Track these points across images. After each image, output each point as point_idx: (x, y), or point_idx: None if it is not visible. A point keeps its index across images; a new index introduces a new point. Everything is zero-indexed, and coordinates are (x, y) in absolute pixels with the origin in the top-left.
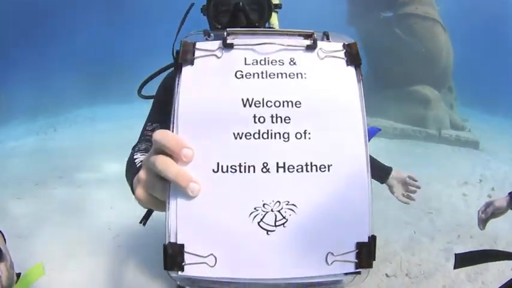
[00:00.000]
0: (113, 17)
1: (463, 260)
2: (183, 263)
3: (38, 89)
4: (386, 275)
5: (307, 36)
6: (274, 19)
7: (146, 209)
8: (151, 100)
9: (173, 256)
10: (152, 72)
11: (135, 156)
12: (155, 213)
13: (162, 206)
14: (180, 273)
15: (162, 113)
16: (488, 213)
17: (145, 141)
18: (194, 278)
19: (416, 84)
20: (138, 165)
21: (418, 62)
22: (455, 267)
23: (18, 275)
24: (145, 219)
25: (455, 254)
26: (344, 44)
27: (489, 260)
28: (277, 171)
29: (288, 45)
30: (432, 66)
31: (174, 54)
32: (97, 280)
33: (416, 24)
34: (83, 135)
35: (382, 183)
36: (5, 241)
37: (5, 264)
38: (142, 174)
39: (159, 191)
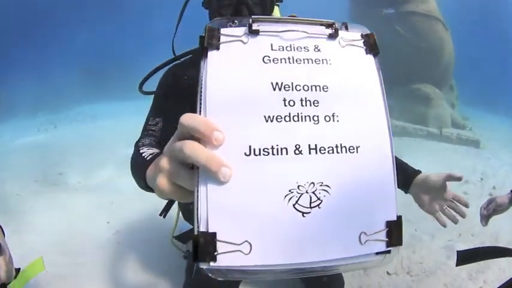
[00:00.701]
0: (112, 16)
1: (465, 257)
2: (215, 253)
3: (39, 87)
4: (388, 273)
5: (328, 25)
6: (276, 13)
7: (166, 201)
8: (152, 96)
9: (204, 246)
10: (153, 68)
11: (141, 151)
12: (155, 210)
13: (186, 195)
14: (212, 264)
15: (165, 107)
16: (490, 210)
17: (148, 137)
18: (227, 269)
19: (417, 83)
20: (148, 158)
21: (420, 60)
22: (457, 265)
23: (18, 270)
24: (165, 211)
25: (457, 251)
26: (362, 34)
27: (491, 256)
28: (310, 152)
29: (312, 33)
30: (433, 64)
31: (199, 41)
32: (97, 276)
33: (418, 23)
34: (83, 132)
35: (406, 192)
36: (4, 235)
37: (3, 258)
38: (164, 163)
39: (185, 179)
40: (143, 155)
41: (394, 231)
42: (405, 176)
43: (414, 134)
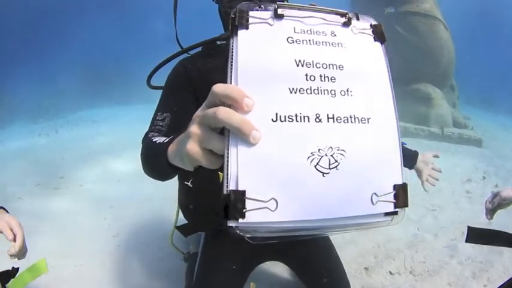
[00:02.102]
0: (114, 21)
1: (476, 234)
2: (244, 210)
3: (40, 91)
4: (390, 273)
5: (342, 15)
6: None
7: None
8: (154, 101)
9: (235, 203)
10: (161, 61)
11: (154, 139)
12: (155, 213)
13: (215, 160)
14: (240, 220)
15: (174, 101)
16: (495, 204)
17: (155, 132)
18: (254, 226)
19: (418, 83)
20: (165, 142)
21: (420, 60)
22: (467, 241)
23: (17, 270)
24: (193, 178)
25: (468, 226)
26: (371, 24)
27: (502, 243)
28: (328, 121)
29: (329, 21)
30: (434, 64)
31: (228, 21)
32: (97, 279)
33: (418, 23)
34: (84, 137)
35: (410, 169)
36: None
37: (20, 234)
38: (195, 129)
39: (216, 143)
40: (158, 141)
41: (400, 194)
42: (410, 157)
43: (416, 134)
